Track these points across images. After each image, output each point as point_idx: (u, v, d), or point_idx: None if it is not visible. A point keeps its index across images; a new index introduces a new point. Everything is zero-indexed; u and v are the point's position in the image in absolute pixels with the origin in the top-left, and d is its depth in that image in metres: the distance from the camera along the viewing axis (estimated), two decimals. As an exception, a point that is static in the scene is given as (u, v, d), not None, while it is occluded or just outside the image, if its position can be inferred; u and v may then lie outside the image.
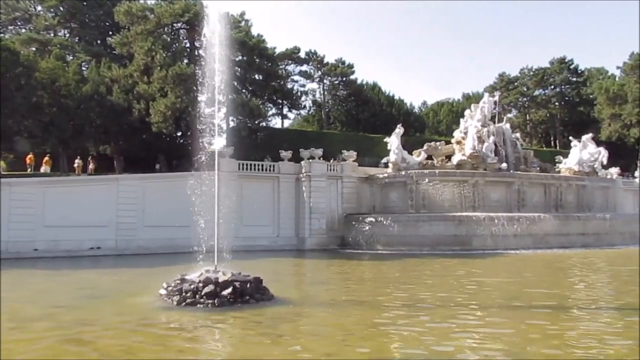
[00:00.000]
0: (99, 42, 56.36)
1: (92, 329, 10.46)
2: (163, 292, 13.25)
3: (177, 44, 49.84)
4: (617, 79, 74.48)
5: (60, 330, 10.28)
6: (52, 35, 55.35)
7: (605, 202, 42.23)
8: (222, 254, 14.04)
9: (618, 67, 72.96)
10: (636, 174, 53.88)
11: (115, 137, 44.73)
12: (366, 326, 10.74)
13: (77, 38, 57.44)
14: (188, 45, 51.50)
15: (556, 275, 21.51)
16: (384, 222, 34.77)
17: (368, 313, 12.18)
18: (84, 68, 49.09)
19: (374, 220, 35.37)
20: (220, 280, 12.72)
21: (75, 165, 40.52)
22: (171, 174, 39.26)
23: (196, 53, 47.58)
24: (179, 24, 49.13)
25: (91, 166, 41.30)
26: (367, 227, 35.31)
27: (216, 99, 15.58)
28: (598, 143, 48.23)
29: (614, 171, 46.41)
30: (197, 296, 12.46)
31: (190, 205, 15.02)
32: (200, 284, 12.67)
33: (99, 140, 45.70)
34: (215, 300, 12.25)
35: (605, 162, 44.19)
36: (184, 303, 12.41)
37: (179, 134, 48.12)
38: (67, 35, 58.30)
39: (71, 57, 50.70)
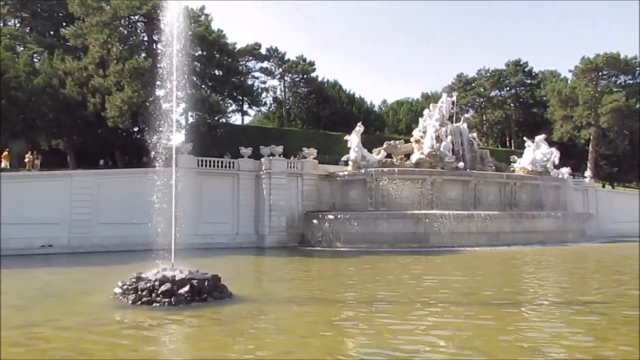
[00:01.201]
0: (51, 32, 54.48)
1: (42, 330, 10.10)
2: (118, 290, 12.93)
3: (134, 37, 48.68)
4: (568, 82, 76.97)
5: (8, 332, 9.86)
6: (1, 24, 53.14)
7: (557, 201, 43.71)
8: (179, 252, 13.81)
9: (570, 71, 75.42)
10: (586, 173, 55.99)
11: (69, 132, 43.39)
12: (325, 323, 10.75)
13: (29, 28, 55.34)
14: (146, 38, 50.39)
15: (510, 272, 22.11)
16: (344, 220, 34.99)
17: (327, 310, 12.20)
18: (35, 60, 47.38)
19: (333, 217, 35.52)
20: (177, 278, 12.50)
21: (26, 160, 39.00)
22: (127, 170, 38.38)
23: (154, 47, 46.59)
24: (137, 17, 48.05)
25: (36, 162, 39.35)
26: (327, 225, 35.46)
27: (174, 94, 15.28)
28: (550, 144, 49.88)
29: (565, 171, 48.00)
30: (154, 295, 12.20)
31: (147, 202, 14.72)
32: (157, 282, 12.41)
33: (52, 135, 44.22)
34: (172, 299, 12.02)
35: (557, 162, 45.70)
36: (139, 302, 12.13)
37: (136, 129, 47.09)
38: (18, 25, 56.11)
39: (22, 48, 48.85)
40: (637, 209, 51.92)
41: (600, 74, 70.55)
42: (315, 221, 36.33)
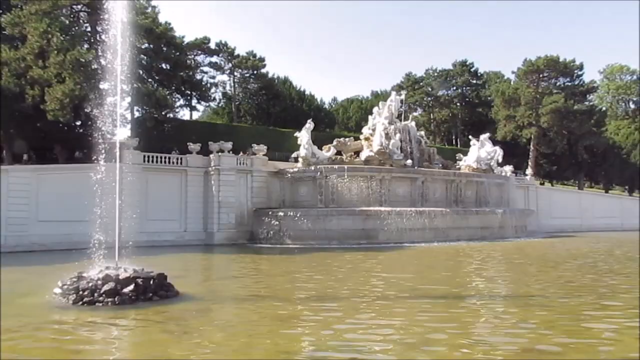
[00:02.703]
0: (-14, 20, 51.65)
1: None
2: (58, 291, 12.43)
3: (76, 27, 46.70)
4: (512, 82, 79.61)
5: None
6: None
7: (500, 198, 45.17)
8: (124, 250, 13.39)
9: (513, 72, 77.99)
10: (527, 171, 58.17)
11: (5, 125, 41.23)
12: (274, 321, 10.68)
13: (-39, 15, 52.30)
14: (89, 29, 48.50)
15: (456, 267, 22.65)
16: (294, 217, 34.92)
17: (276, 307, 12.12)
18: (-32, 48, 44.71)
19: (283, 214, 35.40)
20: (121, 277, 12.14)
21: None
22: (69, 165, 36.98)
23: (98, 38, 44.95)
24: (79, 6, 46.15)
25: None
26: (277, 222, 35.32)
27: (119, 88, 14.80)
28: (494, 142, 51.48)
29: (508, 169, 49.65)
30: (96, 294, 11.80)
31: (90, 198, 14.22)
32: (100, 282, 12.01)
33: (-14, 128, 41.95)
34: (116, 299, 11.67)
35: (500, 160, 47.27)
36: (81, 302, 11.71)
37: (79, 123, 45.30)
38: (-51, 11, 52.88)
39: (-47, 36, 46.03)
40: (575, 206, 55.30)
41: (541, 75, 73.30)
42: (264, 218, 36.11)
